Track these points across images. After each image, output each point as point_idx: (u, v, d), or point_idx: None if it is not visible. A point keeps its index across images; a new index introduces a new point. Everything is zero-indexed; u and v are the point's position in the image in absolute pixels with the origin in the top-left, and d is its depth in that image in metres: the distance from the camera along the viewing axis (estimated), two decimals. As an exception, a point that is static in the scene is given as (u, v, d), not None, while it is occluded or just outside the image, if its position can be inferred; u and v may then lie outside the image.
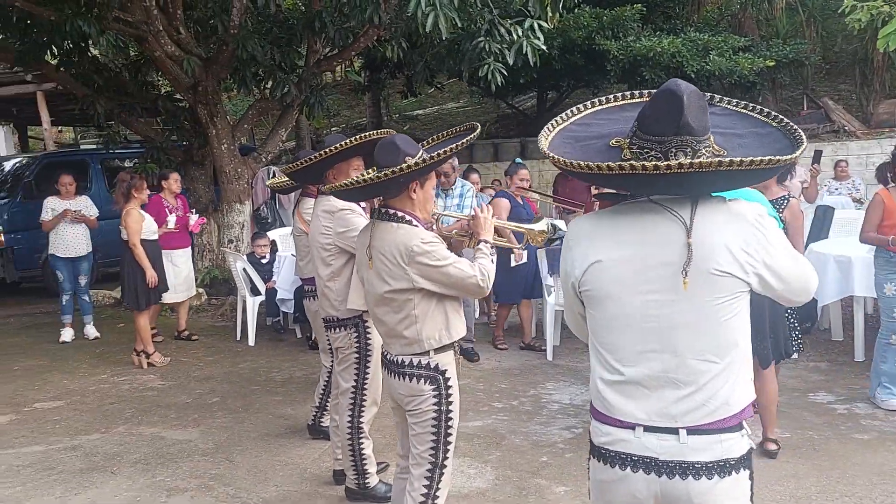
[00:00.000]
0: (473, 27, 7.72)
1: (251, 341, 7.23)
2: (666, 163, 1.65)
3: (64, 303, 7.67)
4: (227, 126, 9.28)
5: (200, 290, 8.89)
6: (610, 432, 1.85)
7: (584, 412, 4.88)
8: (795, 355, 5.49)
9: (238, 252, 8.45)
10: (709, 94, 1.94)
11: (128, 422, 5.22)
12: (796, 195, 6.36)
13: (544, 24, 7.08)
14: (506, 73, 7.72)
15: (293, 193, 6.46)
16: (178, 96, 9.94)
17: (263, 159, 9.87)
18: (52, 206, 7.50)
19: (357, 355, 3.77)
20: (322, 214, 3.80)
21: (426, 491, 2.88)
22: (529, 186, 6.68)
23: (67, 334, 7.67)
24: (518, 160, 7.09)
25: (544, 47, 7.19)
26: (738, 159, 1.62)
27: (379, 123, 17.60)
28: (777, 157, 1.65)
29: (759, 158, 1.63)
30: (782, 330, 3.99)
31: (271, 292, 7.34)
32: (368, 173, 2.87)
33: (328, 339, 3.97)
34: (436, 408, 2.82)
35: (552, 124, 1.91)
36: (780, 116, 1.85)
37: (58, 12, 7.60)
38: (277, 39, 8.94)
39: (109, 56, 12.16)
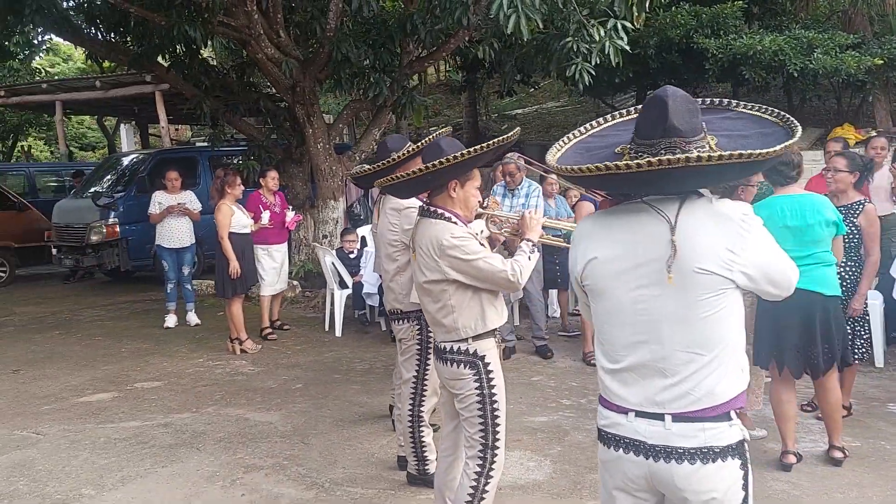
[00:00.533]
0: (567, 25, 7.71)
1: (338, 332, 7.55)
2: (636, 161, 1.75)
3: (168, 291, 8.24)
4: (323, 125, 9.69)
5: (295, 282, 9.32)
6: (608, 416, 1.99)
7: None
8: (879, 362, 5.35)
9: (331, 247, 8.81)
10: (726, 99, 2.04)
11: (217, 403, 5.60)
12: (884, 198, 6.11)
13: (628, 25, 7.05)
14: (594, 73, 7.72)
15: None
16: (278, 97, 10.43)
17: (357, 158, 10.22)
18: (159, 199, 8.08)
19: (419, 347, 3.94)
20: (389, 212, 3.99)
21: (479, 470, 3.03)
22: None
23: (171, 320, 8.23)
24: None
25: (627, 47, 7.15)
26: (706, 154, 1.71)
27: (475, 123, 17.83)
28: (749, 152, 1.70)
29: (727, 153, 1.70)
30: (838, 338, 3.87)
31: (358, 286, 7.63)
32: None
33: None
34: (478, 391, 2.98)
35: (567, 138, 2.07)
36: (787, 116, 1.91)
37: (167, 18, 8.14)
38: (372, 41, 9.24)
39: (222, 58, 12.89)
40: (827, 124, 13.75)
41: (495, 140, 2.89)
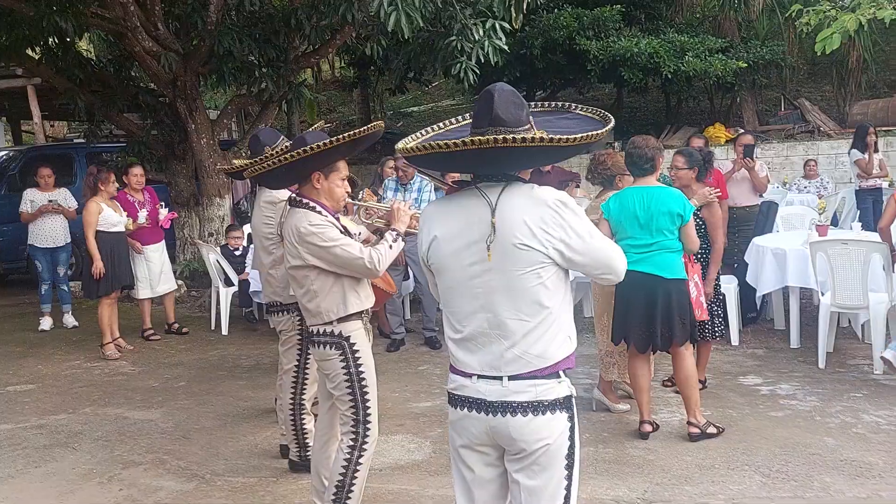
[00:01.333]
0: (453, 24, 7.83)
1: (224, 331, 7.46)
2: (454, 141, 1.97)
3: (43, 292, 7.91)
4: (207, 121, 9.51)
5: (180, 281, 9.11)
6: (456, 380, 2.19)
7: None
8: (735, 341, 5.81)
9: (217, 245, 8.67)
10: (568, 103, 2.32)
11: (94, 403, 5.46)
12: (747, 190, 6.59)
13: (506, 25, 7.29)
14: (478, 71, 7.93)
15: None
16: (159, 91, 10.14)
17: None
18: (30, 197, 7.74)
19: (299, 337, 4.02)
20: (264, 205, 4.06)
21: (352, 444, 3.15)
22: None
23: (46, 323, 7.91)
24: None
25: (505, 47, 7.40)
26: (511, 136, 1.94)
27: (367, 119, 17.88)
28: (549, 136, 1.96)
29: (530, 136, 1.95)
30: (680, 318, 4.15)
31: (244, 283, 7.55)
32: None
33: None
34: (345, 371, 3.11)
35: (422, 132, 2.28)
36: (606, 114, 2.17)
37: (36, 8, 7.80)
38: (257, 36, 9.15)
39: (100, 50, 12.39)
40: (701, 123, 14.58)
41: (351, 132, 2.98)
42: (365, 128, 3.07)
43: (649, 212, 4.12)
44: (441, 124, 2.34)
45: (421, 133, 2.29)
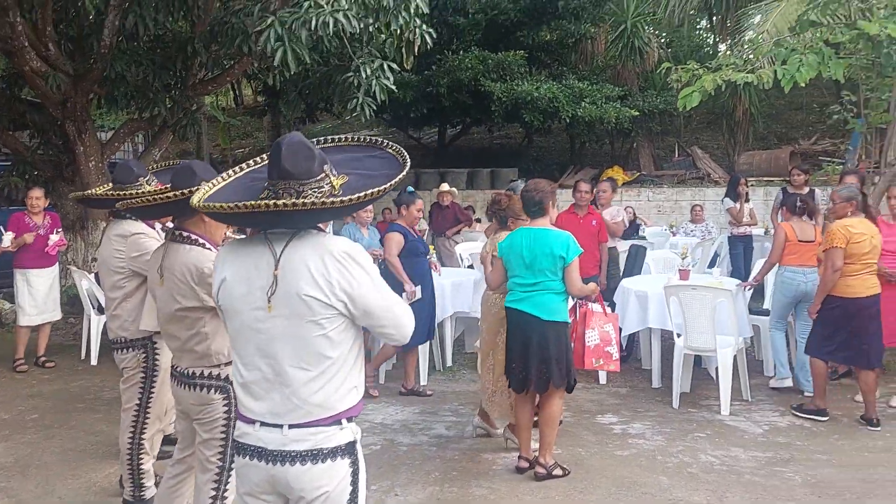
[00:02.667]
0: (354, 59, 7.89)
1: (94, 360, 7.20)
2: (228, 204, 1.98)
3: None
4: (96, 143, 9.28)
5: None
6: (240, 427, 2.17)
7: (392, 430, 5.13)
8: (602, 380, 5.95)
9: (92, 272, 8.40)
10: (381, 139, 2.31)
11: (-64, 435, 5.20)
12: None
13: (394, 66, 7.43)
14: (375, 107, 8.01)
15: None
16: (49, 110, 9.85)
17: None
18: None
19: (143, 375, 3.92)
20: (115, 238, 3.97)
21: (214, 493, 3.02)
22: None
23: None
24: (410, 189, 6.77)
25: (393, 87, 7.54)
26: (282, 203, 1.94)
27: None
28: (323, 200, 1.97)
29: (300, 202, 1.95)
30: (557, 361, 4.22)
31: (120, 311, 7.32)
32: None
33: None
34: (226, 415, 2.99)
35: (223, 177, 2.21)
36: (406, 158, 2.20)
37: (-87, 21, 7.52)
38: (153, 60, 9.02)
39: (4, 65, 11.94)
40: (602, 165, 15.10)
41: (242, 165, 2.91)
42: (255, 159, 3.03)
43: (533, 252, 4.22)
44: (242, 166, 2.28)
45: (221, 178, 2.22)
